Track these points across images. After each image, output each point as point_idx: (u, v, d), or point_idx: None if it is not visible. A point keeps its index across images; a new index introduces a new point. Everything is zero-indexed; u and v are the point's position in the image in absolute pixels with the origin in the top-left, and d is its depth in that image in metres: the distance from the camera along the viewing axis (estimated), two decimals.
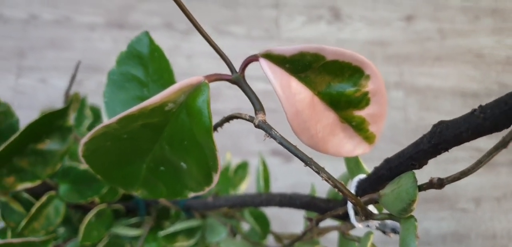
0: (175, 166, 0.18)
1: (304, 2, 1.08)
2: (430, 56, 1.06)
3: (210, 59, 0.99)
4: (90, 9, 1.00)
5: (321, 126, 0.16)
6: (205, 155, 0.16)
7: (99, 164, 0.18)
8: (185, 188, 0.18)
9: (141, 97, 0.20)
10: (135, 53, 0.20)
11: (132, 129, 0.16)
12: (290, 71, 0.15)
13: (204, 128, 0.15)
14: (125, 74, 0.20)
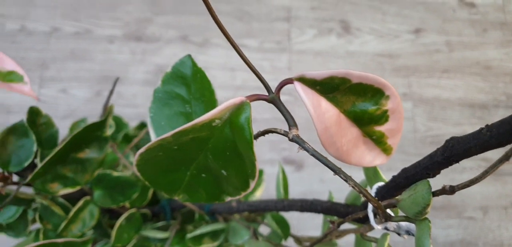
0: (216, 173, 0.20)
1: (314, 16, 1.10)
2: (438, 68, 1.08)
3: (225, 71, 1.02)
4: (109, 22, 1.04)
5: (346, 140, 0.19)
6: (245, 164, 0.18)
7: (149, 171, 0.20)
8: (223, 193, 0.21)
9: (184, 113, 0.22)
10: (179, 74, 0.22)
11: (182, 141, 0.18)
12: (320, 92, 0.18)
13: (246, 141, 0.17)
14: (169, 92, 0.22)
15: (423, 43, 1.10)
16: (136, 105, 0.96)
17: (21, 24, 1.04)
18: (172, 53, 1.02)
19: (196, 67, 0.22)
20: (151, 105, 0.22)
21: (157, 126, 0.22)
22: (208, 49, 1.04)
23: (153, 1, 1.07)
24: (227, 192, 0.20)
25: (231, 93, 1.00)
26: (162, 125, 0.22)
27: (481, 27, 1.13)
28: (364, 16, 1.12)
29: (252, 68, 0.20)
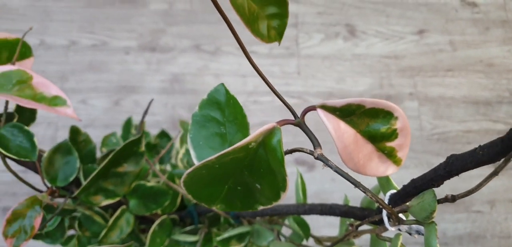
0: (250, 186, 0.23)
1: (321, 20, 1.13)
2: (442, 67, 1.10)
3: (236, 77, 1.05)
4: (125, 34, 1.07)
5: (362, 155, 0.21)
6: (277, 178, 0.21)
7: (193, 186, 0.23)
8: (256, 203, 0.24)
9: (219, 133, 0.25)
10: (214, 100, 0.25)
11: (223, 161, 0.21)
12: (339, 116, 0.21)
13: (278, 160, 0.20)
14: (205, 116, 0.25)
15: (427, 43, 1.13)
16: (153, 113, 0.99)
17: (40, 39, 1.08)
18: (186, 62, 1.05)
19: (229, 94, 0.25)
20: (190, 127, 0.25)
21: (196, 145, 0.25)
22: (220, 57, 1.07)
23: (166, 12, 1.10)
24: (260, 202, 0.24)
25: (243, 98, 1.03)
26: (200, 144, 0.25)
27: (483, 25, 1.15)
28: (369, 19, 1.14)
29: (276, 93, 0.23)
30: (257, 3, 0.16)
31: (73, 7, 1.11)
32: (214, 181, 0.23)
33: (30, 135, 0.31)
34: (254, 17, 0.16)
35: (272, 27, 0.16)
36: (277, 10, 0.16)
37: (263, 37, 0.17)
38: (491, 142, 0.16)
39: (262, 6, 0.16)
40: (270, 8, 0.16)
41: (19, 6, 1.11)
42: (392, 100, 1.06)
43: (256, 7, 0.16)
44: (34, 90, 0.33)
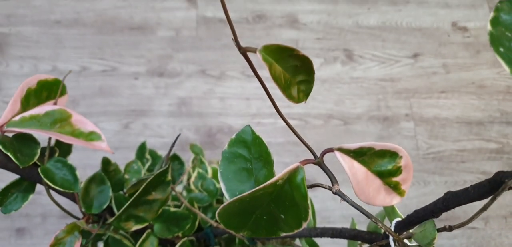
0: (275, 216, 0.26)
1: (320, 45, 1.17)
2: (436, 89, 1.14)
3: (240, 100, 1.09)
4: (134, 60, 1.11)
5: (372, 189, 0.25)
6: (299, 210, 0.24)
7: (225, 217, 0.26)
8: (279, 230, 0.27)
9: (246, 168, 0.28)
10: (241, 139, 0.28)
11: (254, 195, 0.24)
12: (353, 157, 0.24)
13: (301, 195, 0.24)
14: (233, 153, 0.28)
15: (421, 66, 1.17)
16: (162, 135, 1.03)
17: (53, 65, 1.12)
18: (192, 86, 1.09)
19: (254, 135, 0.28)
20: (221, 163, 0.28)
21: (225, 178, 0.28)
22: (225, 81, 1.11)
23: (173, 39, 1.14)
24: (282, 230, 0.27)
25: (247, 120, 1.07)
26: (229, 178, 0.28)
27: (474, 49, 1.20)
28: (365, 44, 1.19)
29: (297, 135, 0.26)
30: (290, 73, 0.19)
31: (84, 34, 1.15)
32: (243, 212, 0.26)
33: (73, 169, 0.34)
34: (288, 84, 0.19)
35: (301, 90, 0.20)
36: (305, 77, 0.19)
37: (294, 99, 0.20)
38: (480, 183, 0.20)
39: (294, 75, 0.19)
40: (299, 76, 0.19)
41: (32, 33, 1.15)
42: (388, 121, 1.10)
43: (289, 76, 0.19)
44: (73, 127, 0.37)
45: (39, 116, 0.36)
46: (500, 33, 0.15)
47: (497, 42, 0.15)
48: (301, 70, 0.19)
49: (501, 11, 0.16)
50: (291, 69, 0.19)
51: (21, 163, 0.33)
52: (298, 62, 0.19)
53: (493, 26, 0.16)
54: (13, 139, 0.35)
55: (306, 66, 0.19)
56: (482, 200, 0.20)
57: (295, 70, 0.19)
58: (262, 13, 1.20)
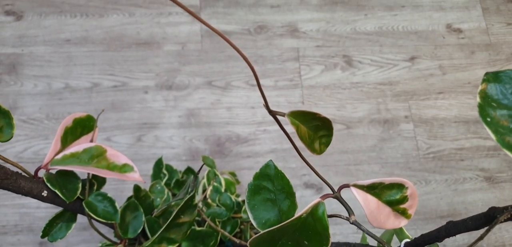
0: (299, 243, 0.30)
1: (320, 53, 1.21)
2: (434, 90, 1.17)
3: (246, 109, 1.12)
4: (143, 74, 1.15)
5: (383, 216, 0.28)
6: (321, 238, 0.28)
7: (255, 244, 0.30)
8: None
9: (270, 199, 0.32)
10: (265, 173, 0.32)
11: (281, 227, 0.28)
12: (366, 191, 0.28)
13: (323, 226, 0.27)
14: (258, 185, 0.32)
15: (418, 69, 1.21)
16: (173, 146, 1.06)
17: (65, 82, 1.15)
18: (200, 98, 1.12)
19: (277, 170, 0.32)
20: (247, 194, 0.32)
21: (252, 207, 0.32)
22: (230, 91, 1.14)
23: (179, 53, 1.18)
24: None
25: (254, 128, 1.11)
26: (256, 208, 0.32)
27: (469, 50, 1.23)
28: (363, 50, 1.22)
29: (316, 172, 0.30)
30: (313, 131, 0.23)
31: (94, 52, 1.18)
32: (271, 239, 0.30)
33: (113, 201, 0.37)
34: (311, 140, 0.23)
35: (322, 143, 0.23)
36: (325, 133, 0.23)
37: (316, 151, 0.24)
38: (477, 216, 0.23)
39: (316, 132, 0.23)
40: (321, 132, 0.23)
41: (44, 53, 1.18)
42: (389, 123, 1.13)
43: (312, 133, 0.23)
44: (108, 161, 0.40)
45: (78, 153, 0.39)
46: (487, 104, 0.19)
47: (484, 113, 0.19)
48: (322, 128, 0.23)
49: (488, 83, 0.20)
50: (313, 128, 0.23)
51: (67, 198, 0.36)
52: (319, 122, 0.22)
53: (481, 97, 0.19)
54: (57, 176, 0.38)
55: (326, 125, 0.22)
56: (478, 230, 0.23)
57: (317, 128, 0.23)
58: (263, 24, 1.24)
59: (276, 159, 1.07)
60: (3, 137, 0.36)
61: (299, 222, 0.28)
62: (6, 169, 0.34)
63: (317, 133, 0.23)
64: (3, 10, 1.22)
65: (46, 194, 0.36)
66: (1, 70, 1.15)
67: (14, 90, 1.13)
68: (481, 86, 0.19)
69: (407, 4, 1.29)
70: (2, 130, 0.36)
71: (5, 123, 0.36)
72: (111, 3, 1.24)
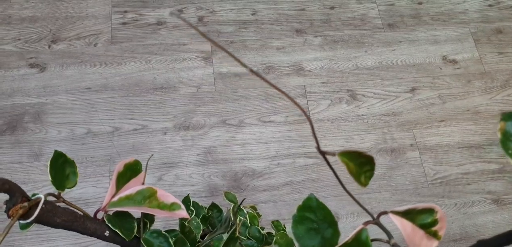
0: None
1: (326, 89, 1.26)
2: (435, 118, 1.21)
3: (260, 145, 1.16)
4: (161, 117, 1.19)
5: (417, 238, 0.32)
6: None
7: None
8: None
9: (313, 228, 0.35)
10: (307, 205, 0.35)
11: None
12: (402, 216, 0.31)
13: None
14: (302, 216, 0.35)
15: (419, 99, 1.25)
16: (193, 183, 1.09)
17: (87, 128, 1.19)
18: (216, 136, 1.16)
19: (318, 202, 0.35)
20: (292, 224, 0.35)
21: (298, 236, 0.35)
22: (244, 128, 1.18)
23: (194, 95, 1.22)
24: None
25: (268, 162, 1.14)
26: (301, 236, 0.35)
27: (465, 79, 1.28)
28: (366, 84, 1.27)
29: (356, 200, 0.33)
30: (359, 167, 0.26)
31: (114, 98, 1.23)
32: None
33: (167, 237, 0.40)
34: (358, 174, 0.27)
35: (366, 177, 0.27)
36: (369, 168, 0.27)
37: (362, 184, 0.28)
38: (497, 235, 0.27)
39: (361, 167, 0.26)
40: (365, 168, 0.27)
41: (67, 101, 1.23)
42: (395, 152, 1.17)
43: (359, 169, 0.26)
44: (158, 200, 0.43)
45: (132, 195, 0.43)
46: (507, 139, 0.23)
47: (506, 146, 0.22)
48: (366, 164, 0.26)
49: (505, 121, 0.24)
50: (359, 164, 0.26)
51: (126, 236, 0.40)
52: (364, 159, 0.26)
53: (502, 134, 0.23)
54: (115, 217, 0.42)
55: (369, 161, 0.26)
56: None
57: (362, 164, 0.26)
58: (271, 65, 1.29)
59: (291, 191, 1.10)
60: (69, 184, 0.39)
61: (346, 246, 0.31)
62: (76, 213, 0.37)
63: (362, 169, 0.26)
64: (28, 63, 1.27)
65: (108, 234, 0.39)
66: (27, 119, 1.19)
67: (39, 138, 1.17)
68: (500, 125, 0.23)
69: (404, 40, 1.34)
70: (69, 177, 0.39)
71: (71, 171, 0.39)
72: (128, 52, 1.29)
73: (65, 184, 0.38)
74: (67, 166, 0.39)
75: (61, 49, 1.29)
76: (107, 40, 1.31)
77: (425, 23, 1.36)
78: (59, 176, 0.37)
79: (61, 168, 0.38)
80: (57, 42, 1.30)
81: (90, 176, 1.11)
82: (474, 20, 1.36)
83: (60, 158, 0.38)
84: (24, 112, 1.20)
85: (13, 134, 1.16)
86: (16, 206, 0.30)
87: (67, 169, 0.39)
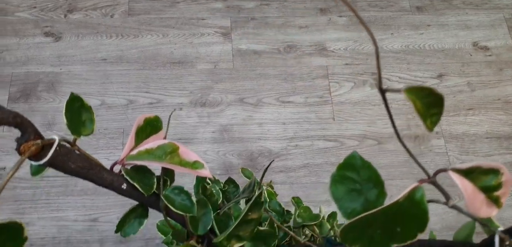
0: (390, 229, 0.29)
1: (349, 71, 1.21)
2: (463, 106, 1.16)
3: (277, 125, 1.12)
4: (177, 92, 1.16)
5: (478, 202, 0.28)
6: (417, 223, 0.27)
7: (345, 232, 0.29)
8: (390, 242, 0.30)
9: (354, 189, 0.31)
10: (349, 163, 0.32)
11: (375, 213, 0.27)
12: (463, 175, 0.27)
13: (421, 210, 0.27)
14: (342, 175, 0.32)
15: (446, 86, 1.20)
16: (208, 161, 1.06)
17: (101, 99, 1.17)
18: (232, 114, 1.13)
19: (363, 160, 0.32)
20: (331, 185, 0.32)
21: (337, 198, 0.31)
22: (262, 108, 1.15)
23: (212, 71, 1.19)
24: (395, 242, 0.30)
25: (285, 144, 1.10)
26: (340, 198, 0.31)
27: (496, 67, 1.22)
28: (392, 67, 1.22)
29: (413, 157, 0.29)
30: (425, 108, 0.23)
31: (129, 70, 1.20)
32: (360, 227, 0.29)
33: (189, 195, 0.37)
34: (425, 115, 0.23)
35: (432, 122, 0.23)
36: (436, 111, 0.23)
37: (428, 127, 0.24)
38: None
39: (428, 109, 0.23)
40: (432, 110, 0.23)
41: (82, 71, 1.21)
42: (419, 139, 1.12)
43: (425, 110, 0.23)
44: (180, 157, 0.40)
45: (152, 149, 0.40)
46: None
47: None
48: (433, 105, 0.23)
49: None
50: (426, 104, 0.23)
51: (145, 191, 0.37)
52: (433, 99, 0.22)
53: None
54: (133, 171, 0.38)
55: (439, 103, 0.22)
56: None
57: (429, 105, 0.23)
58: (293, 44, 1.25)
59: (309, 173, 1.07)
60: (85, 131, 0.36)
61: (395, 208, 0.27)
62: (91, 161, 0.34)
63: (428, 111, 0.23)
64: (43, 32, 1.25)
65: (125, 187, 0.36)
66: (41, 87, 1.17)
67: (52, 107, 1.15)
68: None
69: (433, 23, 1.29)
70: (85, 124, 0.36)
71: (87, 118, 0.36)
72: (145, 24, 1.26)
73: (81, 130, 0.35)
74: (83, 112, 0.36)
75: (77, 19, 1.27)
76: (124, 11, 1.28)
77: (456, 7, 1.30)
78: (75, 121, 0.34)
79: (77, 112, 0.35)
80: (73, 11, 1.28)
81: (102, 148, 1.09)
82: (509, 6, 1.30)
83: (76, 102, 0.35)
84: (38, 80, 1.18)
85: (26, 102, 1.14)
86: (28, 143, 0.27)
87: (83, 115, 0.36)
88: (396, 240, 0.30)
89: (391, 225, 0.29)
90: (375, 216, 0.28)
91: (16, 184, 1.04)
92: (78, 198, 1.03)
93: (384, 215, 0.28)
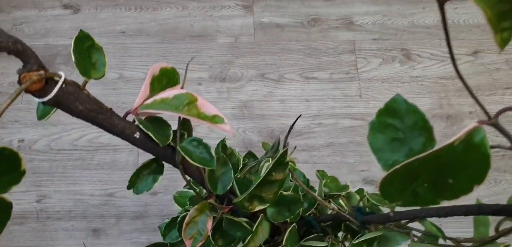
0: (438, 182, 0.25)
1: (377, 46, 1.16)
2: (500, 85, 1.09)
3: (300, 102, 1.08)
4: (196, 66, 1.13)
5: None
6: (475, 173, 0.24)
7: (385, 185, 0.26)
8: (440, 198, 0.26)
9: (396, 138, 0.28)
10: (391, 109, 0.28)
11: (423, 160, 0.24)
12: None
13: (482, 155, 0.23)
14: (382, 123, 0.28)
15: (482, 63, 1.13)
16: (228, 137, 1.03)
17: (119, 73, 1.15)
18: (253, 90, 1.09)
19: (408, 104, 0.28)
20: (369, 134, 0.28)
21: (376, 149, 0.28)
22: (284, 84, 1.11)
23: (232, 45, 1.16)
24: (444, 197, 0.26)
25: (308, 122, 1.06)
26: (380, 148, 0.28)
27: None
28: (423, 43, 1.16)
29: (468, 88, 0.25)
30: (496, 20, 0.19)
31: (148, 43, 1.18)
32: (404, 180, 0.25)
33: (208, 147, 0.34)
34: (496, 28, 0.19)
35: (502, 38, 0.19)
36: (508, 25, 0.19)
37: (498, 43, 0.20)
38: None
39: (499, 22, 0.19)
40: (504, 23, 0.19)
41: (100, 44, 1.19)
42: (452, 119, 1.06)
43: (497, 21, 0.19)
44: (199, 110, 0.37)
45: (168, 99, 0.37)
46: None
47: None
48: (506, 17, 0.19)
49: None
50: (497, 16, 0.19)
51: (161, 141, 0.34)
52: (508, 7, 0.18)
53: None
54: (147, 121, 0.36)
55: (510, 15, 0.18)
56: None
57: (500, 17, 0.19)
58: (317, 17, 1.20)
59: (332, 153, 1.02)
60: (96, 74, 0.33)
61: (448, 153, 0.23)
62: (102, 105, 0.32)
63: (499, 24, 0.19)
64: (62, 4, 1.24)
65: (138, 136, 0.33)
66: (59, 60, 1.16)
67: None
68: None
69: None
70: (95, 66, 0.33)
71: (98, 59, 0.34)
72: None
73: (91, 73, 0.32)
74: (94, 52, 0.33)
75: None
76: None
77: None
78: (84, 61, 0.32)
79: (86, 52, 0.32)
80: None
81: None
82: None
83: (86, 40, 0.32)
84: (56, 53, 1.17)
85: None
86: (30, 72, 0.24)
87: (94, 56, 0.33)
88: (446, 194, 0.26)
89: (442, 175, 0.25)
90: (423, 163, 0.24)
91: (34, 156, 1.04)
92: (95, 172, 1.02)
93: (434, 161, 0.24)
